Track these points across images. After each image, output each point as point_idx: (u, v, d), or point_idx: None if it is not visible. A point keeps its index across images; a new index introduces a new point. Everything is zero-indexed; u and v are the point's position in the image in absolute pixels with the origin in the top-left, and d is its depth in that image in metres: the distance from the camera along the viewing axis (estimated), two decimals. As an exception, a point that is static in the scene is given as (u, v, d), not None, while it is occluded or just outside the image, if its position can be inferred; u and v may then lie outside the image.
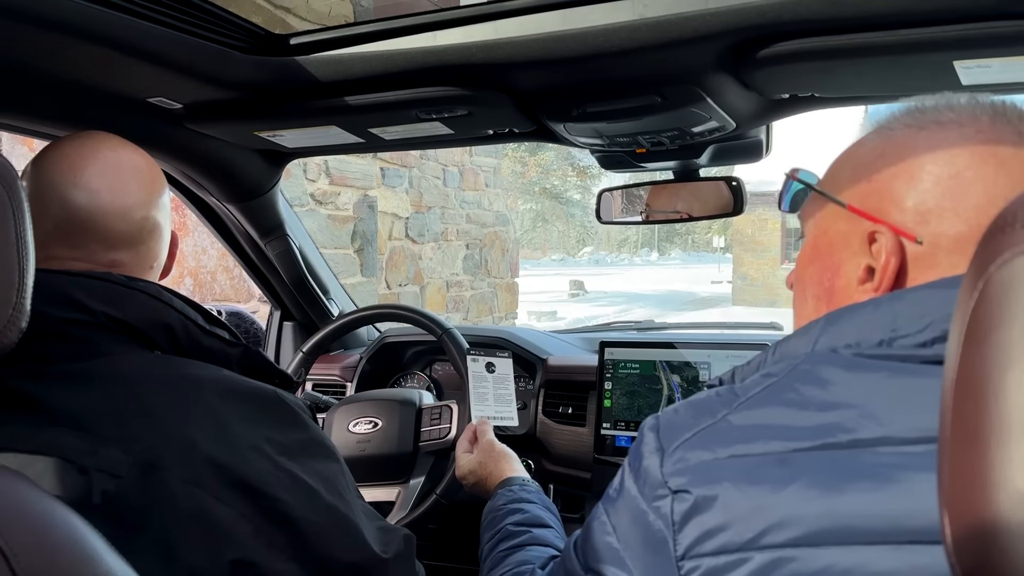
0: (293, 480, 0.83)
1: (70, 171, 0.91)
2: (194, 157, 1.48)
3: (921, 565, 0.49)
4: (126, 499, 0.75)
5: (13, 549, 0.53)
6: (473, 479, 1.26)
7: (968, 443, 0.36)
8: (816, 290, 0.71)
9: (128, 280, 0.89)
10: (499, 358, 1.53)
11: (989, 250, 0.37)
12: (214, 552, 0.77)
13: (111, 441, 0.77)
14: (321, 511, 0.84)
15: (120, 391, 0.81)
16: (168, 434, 0.79)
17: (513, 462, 1.25)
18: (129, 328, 0.86)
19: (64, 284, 0.85)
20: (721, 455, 0.59)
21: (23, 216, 0.69)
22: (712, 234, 33.87)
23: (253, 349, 0.95)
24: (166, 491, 0.76)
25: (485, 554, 1.01)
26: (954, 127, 0.65)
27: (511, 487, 1.15)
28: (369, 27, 1.07)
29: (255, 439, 0.83)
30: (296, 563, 0.82)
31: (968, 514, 0.36)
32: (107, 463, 0.76)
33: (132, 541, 0.73)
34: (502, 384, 1.50)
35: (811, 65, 0.97)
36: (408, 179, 5.35)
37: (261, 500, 0.80)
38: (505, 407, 1.48)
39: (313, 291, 1.91)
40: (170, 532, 0.76)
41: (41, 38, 0.94)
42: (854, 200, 0.68)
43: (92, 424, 0.78)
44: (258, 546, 0.80)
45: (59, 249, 0.90)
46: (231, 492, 0.79)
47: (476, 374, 1.49)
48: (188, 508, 0.77)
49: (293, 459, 0.85)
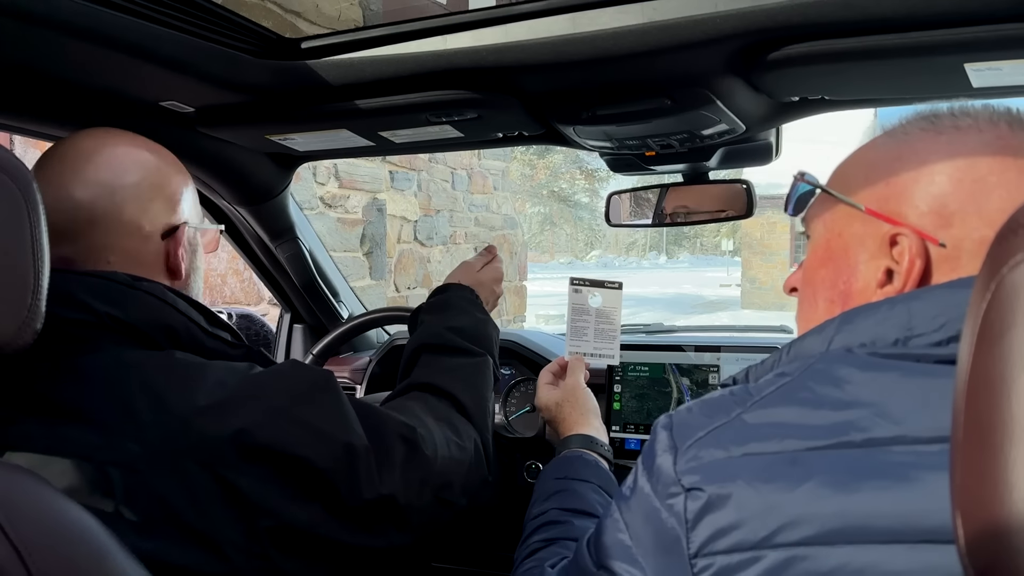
0: (306, 430, 0.83)
1: (72, 167, 0.90)
2: (205, 160, 1.49)
3: (935, 564, 0.49)
4: (150, 491, 0.76)
5: (28, 548, 0.54)
6: (548, 416, 1.25)
7: (980, 444, 0.36)
8: (829, 293, 0.71)
9: (132, 280, 0.89)
10: (608, 288, 1.40)
11: (1002, 252, 0.37)
12: (248, 524, 0.78)
13: (125, 435, 0.78)
14: (339, 454, 0.85)
15: (128, 384, 0.81)
16: (180, 420, 0.79)
17: (591, 416, 1.21)
18: (132, 329, 0.86)
19: (69, 284, 0.84)
20: (735, 453, 0.59)
21: (39, 218, 0.69)
22: (721, 237, 33.80)
23: (256, 350, 0.95)
24: (188, 477, 0.77)
25: (527, 532, 1.00)
26: (973, 132, 0.65)
27: (579, 449, 1.13)
28: (379, 31, 1.08)
29: (263, 405, 0.83)
30: (319, 507, 0.83)
31: (980, 515, 0.36)
32: (124, 457, 0.76)
33: (163, 531, 0.75)
34: (606, 319, 1.39)
35: (821, 68, 0.97)
36: (417, 182, 5.36)
37: (282, 461, 0.81)
38: (607, 344, 1.38)
39: (323, 294, 1.91)
40: (200, 516, 0.76)
41: (54, 42, 0.94)
42: (870, 203, 0.68)
43: (104, 419, 0.79)
44: (288, 505, 0.81)
45: (64, 247, 0.89)
46: (252, 462, 0.79)
47: (576, 306, 1.38)
48: (213, 489, 0.77)
49: (299, 407, 0.85)
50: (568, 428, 1.19)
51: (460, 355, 1.13)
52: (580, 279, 1.40)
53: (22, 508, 0.56)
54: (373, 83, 1.13)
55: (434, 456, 0.96)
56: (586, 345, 1.38)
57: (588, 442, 1.16)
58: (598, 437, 1.18)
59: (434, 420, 1.01)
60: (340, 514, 0.85)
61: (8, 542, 0.53)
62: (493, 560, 1.76)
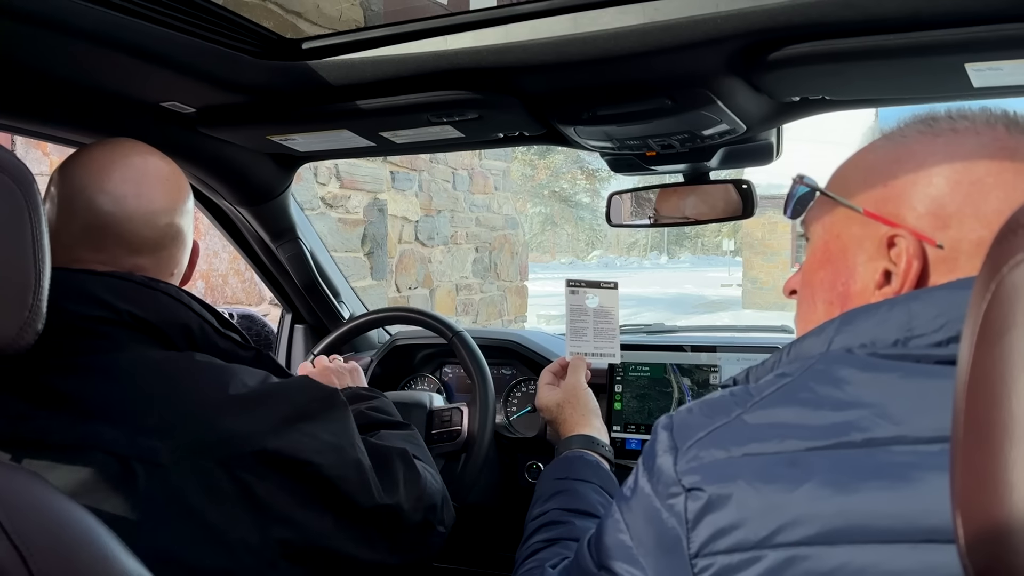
0: (319, 441, 0.88)
1: (97, 177, 0.93)
2: (206, 161, 1.49)
3: (935, 564, 0.49)
4: (170, 486, 0.79)
5: (30, 549, 0.54)
6: (548, 416, 1.25)
7: (980, 443, 0.36)
8: (828, 295, 0.71)
9: (149, 281, 0.92)
10: (604, 289, 1.41)
11: (1002, 252, 0.37)
12: (262, 530, 0.82)
13: (147, 430, 0.80)
14: (350, 465, 0.90)
15: (151, 381, 0.84)
16: (203, 419, 0.82)
17: (592, 416, 1.21)
18: (151, 327, 0.89)
19: (89, 283, 0.88)
20: (735, 454, 0.60)
21: (39, 219, 0.69)
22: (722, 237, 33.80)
23: (264, 353, 0.99)
24: (208, 474, 0.80)
25: (528, 532, 1.01)
26: (971, 134, 0.66)
27: (580, 450, 1.14)
28: (380, 31, 1.08)
29: (279, 413, 0.87)
30: (331, 516, 0.88)
31: (980, 514, 0.36)
32: (147, 452, 0.79)
33: (182, 527, 0.78)
34: (604, 319, 1.39)
35: (822, 68, 0.97)
36: (418, 182, 5.36)
37: (297, 468, 0.85)
38: (607, 343, 1.38)
39: (324, 294, 1.91)
40: (218, 513, 0.80)
41: (56, 43, 0.95)
42: (868, 205, 0.69)
43: (126, 415, 0.81)
44: (298, 510, 0.85)
45: (84, 252, 0.92)
46: (268, 467, 0.83)
47: (574, 307, 1.39)
48: (231, 489, 0.81)
49: (312, 420, 0.89)
50: (569, 429, 1.19)
51: (395, 427, 1.20)
52: (576, 280, 1.41)
53: (23, 508, 0.56)
54: (374, 83, 1.13)
55: (423, 478, 1.03)
56: (586, 345, 1.38)
57: (589, 442, 1.16)
58: (599, 437, 1.17)
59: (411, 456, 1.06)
60: (349, 522, 0.90)
61: (9, 542, 0.53)
62: (494, 560, 1.76)
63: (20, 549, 0.53)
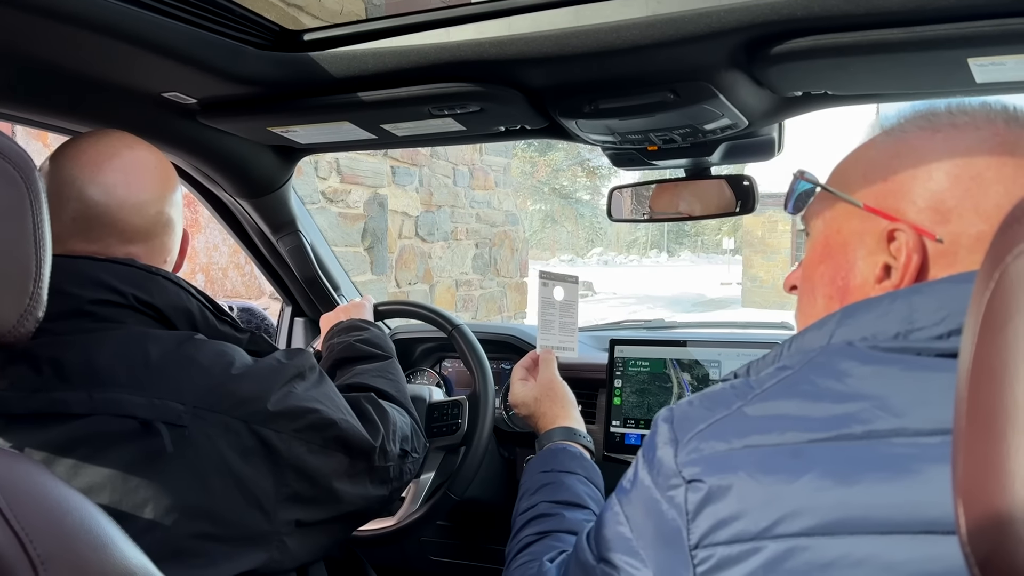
0: (317, 392, 0.97)
1: (88, 167, 0.95)
2: (207, 152, 1.49)
3: (935, 555, 0.49)
4: (194, 444, 0.84)
5: (29, 535, 0.54)
6: (526, 412, 1.25)
7: (983, 432, 0.36)
8: (828, 290, 0.72)
9: (150, 267, 0.96)
10: (567, 283, 1.43)
11: (1005, 241, 0.38)
12: (277, 475, 0.89)
13: (166, 394, 0.84)
14: (343, 410, 1.00)
15: (162, 352, 0.88)
16: (215, 385, 0.88)
17: (570, 408, 1.23)
18: (156, 311, 0.93)
19: (94, 268, 0.91)
20: (736, 445, 0.60)
21: (40, 207, 0.69)
22: (722, 235, 33.78)
23: (258, 335, 1.04)
24: (230, 429, 0.86)
25: (517, 527, 1.02)
26: (970, 129, 0.66)
27: (562, 442, 1.15)
28: (382, 23, 1.08)
29: (281, 378, 0.94)
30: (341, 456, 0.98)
31: (982, 503, 0.36)
32: (169, 414, 0.83)
33: (208, 482, 0.84)
34: (567, 312, 1.42)
35: (824, 62, 0.97)
36: (418, 178, 5.35)
37: (303, 415, 0.93)
38: (568, 336, 1.41)
39: (324, 287, 1.91)
40: (244, 464, 0.86)
41: (57, 32, 0.94)
42: (869, 199, 0.69)
43: (142, 382, 0.85)
44: (310, 455, 0.93)
45: (76, 242, 0.94)
46: (281, 419, 0.90)
47: (545, 300, 1.40)
48: (252, 441, 0.87)
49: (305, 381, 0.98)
50: (549, 422, 1.20)
51: (371, 360, 1.32)
52: (548, 273, 1.43)
53: (23, 494, 0.56)
54: (375, 75, 1.12)
55: (390, 414, 1.13)
56: (552, 338, 1.40)
57: (571, 434, 1.17)
58: (580, 428, 1.19)
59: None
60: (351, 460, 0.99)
61: (9, 528, 0.53)
62: (492, 554, 1.76)
63: (19, 534, 0.53)
